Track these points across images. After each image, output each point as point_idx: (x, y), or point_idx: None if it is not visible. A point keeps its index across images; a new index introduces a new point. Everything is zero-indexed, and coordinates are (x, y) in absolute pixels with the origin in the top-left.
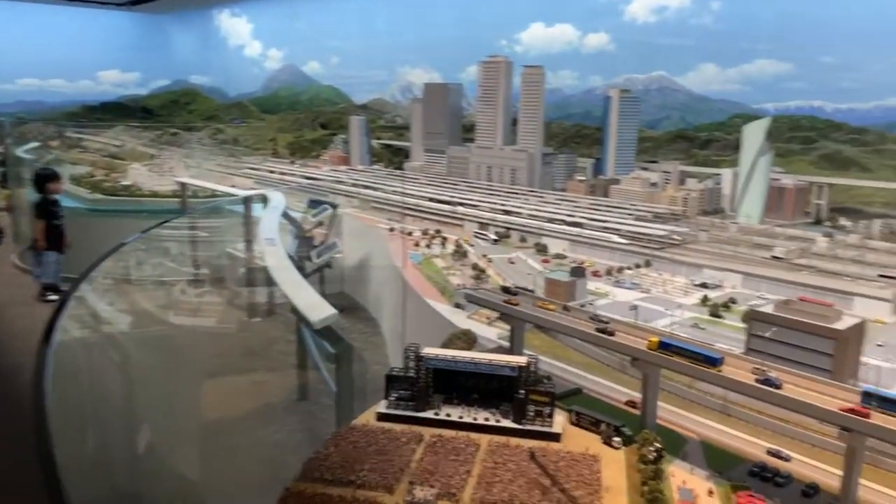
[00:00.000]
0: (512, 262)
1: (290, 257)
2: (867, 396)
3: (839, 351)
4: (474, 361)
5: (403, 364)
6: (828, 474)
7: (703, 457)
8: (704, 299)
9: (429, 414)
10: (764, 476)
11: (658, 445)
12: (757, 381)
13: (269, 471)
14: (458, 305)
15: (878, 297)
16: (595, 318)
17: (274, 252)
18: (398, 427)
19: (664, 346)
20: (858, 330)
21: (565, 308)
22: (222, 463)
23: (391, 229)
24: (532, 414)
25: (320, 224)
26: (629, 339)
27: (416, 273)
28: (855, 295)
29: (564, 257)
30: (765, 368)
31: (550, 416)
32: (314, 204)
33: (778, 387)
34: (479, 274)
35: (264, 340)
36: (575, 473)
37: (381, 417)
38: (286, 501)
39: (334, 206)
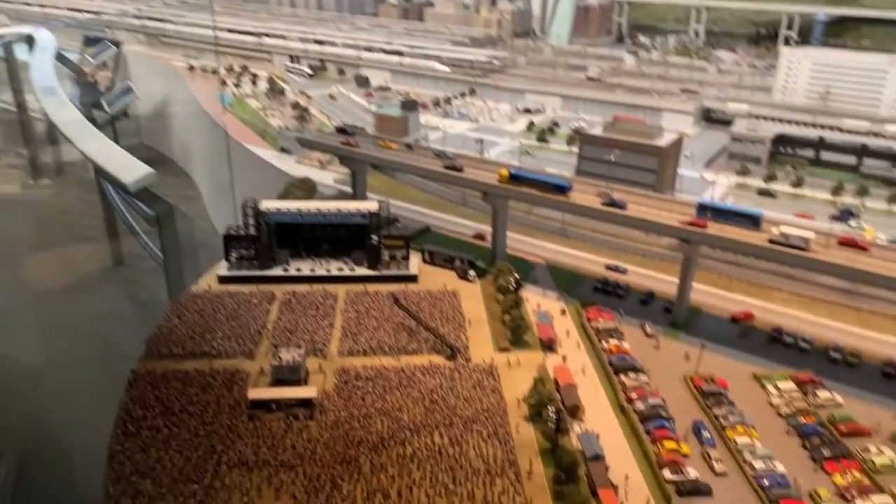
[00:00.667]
0: (333, 98)
1: (78, 108)
2: (702, 209)
3: (662, 166)
4: (321, 212)
5: (243, 221)
6: (660, 281)
7: (552, 280)
8: (530, 125)
9: (277, 271)
10: (606, 290)
11: (517, 276)
12: (603, 203)
13: (97, 346)
14: (284, 150)
15: (683, 110)
16: (441, 155)
17: (58, 104)
18: (245, 289)
19: (514, 178)
20: (677, 145)
21: (408, 146)
22: (43, 342)
23: (190, 67)
24: (387, 259)
25: (104, 66)
26: (477, 173)
27: (230, 117)
28: (663, 110)
29: (388, 89)
30: (608, 191)
31: (406, 258)
32: (91, 42)
33: (623, 207)
34: (302, 113)
35: (59, 206)
36: (438, 311)
37: (224, 280)
38: (137, 385)
39: (117, 44)
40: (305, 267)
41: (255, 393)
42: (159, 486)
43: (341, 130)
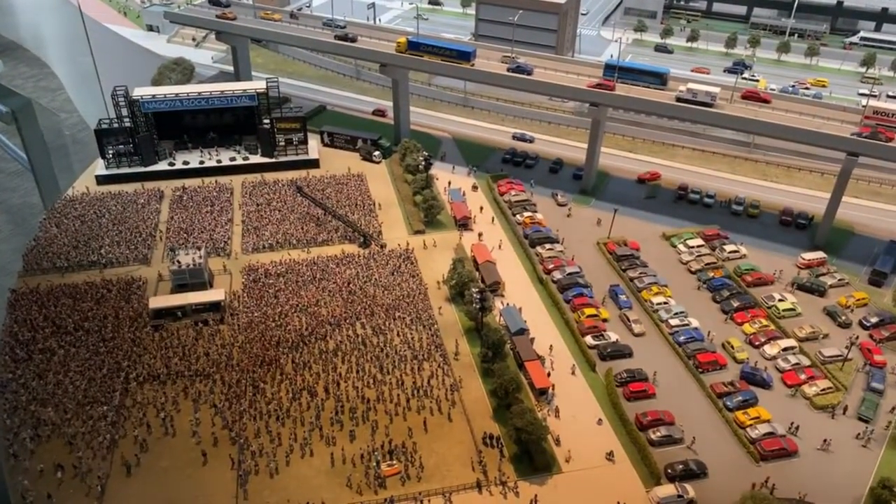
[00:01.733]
0: None
1: None
2: (609, 69)
3: (561, 26)
4: (203, 96)
5: (115, 113)
6: (567, 148)
7: (460, 154)
8: None
9: (162, 166)
10: (515, 161)
11: (426, 154)
12: (509, 69)
13: None
14: (151, 28)
15: None
16: (331, 25)
17: None
18: (129, 188)
19: (413, 47)
20: (576, 2)
21: (292, 16)
22: None
23: None
24: (283, 144)
25: None
26: (372, 43)
27: None
28: None
29: None
30: (513, 56)
31: (304, 142)
32: None
33: (530, 73)
34: None
35: None
36: (345, 197)
37: (103, 181)
38: (19, 305)
39: None
40: (193, 159)
41: (156, 301)
42: (63, 411)
43: (215, 2)
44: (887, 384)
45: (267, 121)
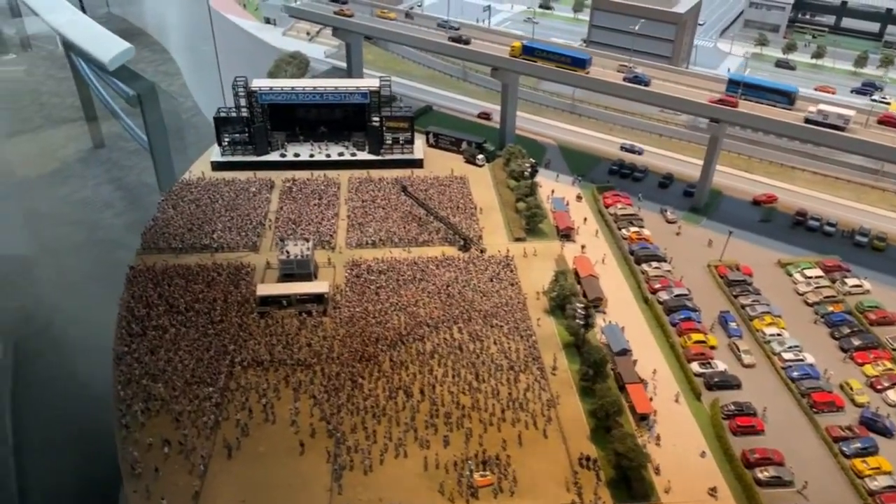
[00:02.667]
0: None
1: None
2: (732, 84)
3: (678, 36)
4: (318, 91)
5: (234, 102)
6: (678, 162)
7: (565, 162)
8: None
9: (273, 156)
10: (623, 173)
11: (532, 161)
12: (626, 79)
13: (82, 233)
14: (268, 21)
15: None
16: (445, 26)
17: None
18: (241, 176)
19: (528, 52)
20: (695, 11)
21: (407, 15)
22: (29, 231)
23: None
24: (390, 142)
25: None
26: (485, 46)
27: None
28: None
29: None
30: (630, 65)
31: (411, 142)
32: None
33: (647, 84)
34: None
35: (29, 85)
36: (447, 199)
37: (218, 167)
38: (136, 282)
39: None
40: (304, 151)
41: (263, 289)
42: (172, 388)
43: None
44: None
45: (376, 118)
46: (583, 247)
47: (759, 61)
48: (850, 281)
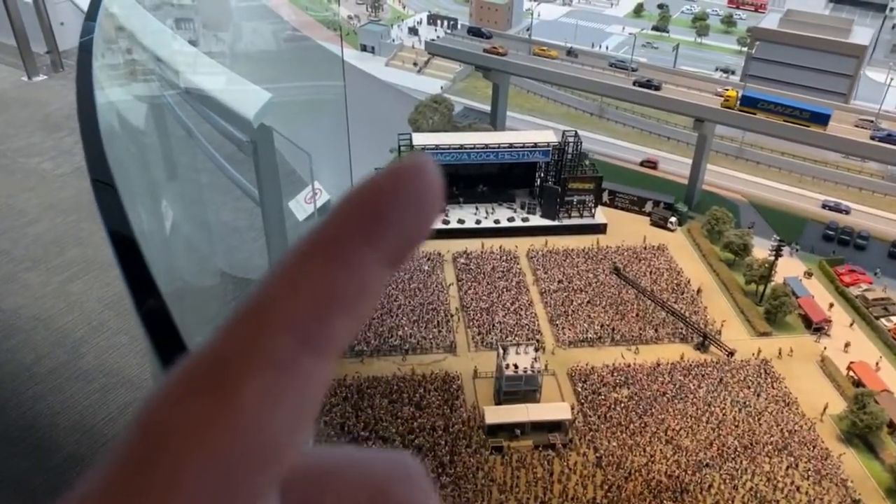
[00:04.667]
0: None
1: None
2: None
3: (856, 70)
4: (491, 149)
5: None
6: (889, 221)
7: (766, 223)
8: (639, 8)
9: (436, 223)
10: (842, 239)
11: (777, 238)
12: (873, 138)
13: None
14: (365, 48)
15: None
16: (622, 67)
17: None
18: None
19: (748, 103)
20: (873, 41)
21: (569, 53)
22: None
23: None
24: (568, 204)
25: None
26: (678, 90)
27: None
28: None
29: None
30: (872, 119)
31: (595, 204)
32: None
33: None
34: (375, 0)
35: (66, 110)
36: (651, 277)
37: None
38: (328, 403)
39: None
40: (467, 216)
41: (493, 414)
42: None
43: (476, 32)
44: None
45: (553, 180)
46: (847, 345)
47: None
48: None
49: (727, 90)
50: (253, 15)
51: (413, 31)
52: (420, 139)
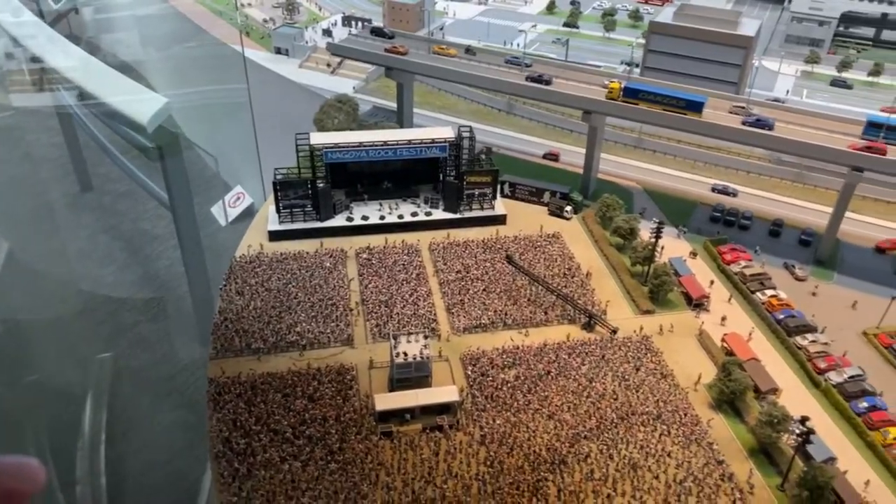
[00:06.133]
0: None
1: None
2: (873, 127)
3: (745, 60)
4: (390, 146)
5: (297, 161)
6: (776, 204)
7: (658, 210)
8: (551, 6)
9: (339, 220)
10: (727, 220)
11: (657, 220)
12: (745, 123)
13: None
14: (279, 51)
15: None
16: (517, 63)
17: (30, 24)
18: (307, 247)
19: (630, 94)
20: (758, 33)
21: (468, 51)
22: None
23: None
24: (467, 198)
25: None
26: (570, 85)
27: (199, 8)
28: None
29: None
30: (745, 106)
31: (493, 196)
32: None
33: (771, 128)
34: (289, 2)
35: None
36: (545, 262)
37: (277, 237)
38: (222, 401)
39: None
40: (371, 213)
41: (383, 401)
42: None
43: (378, 32)
44: None
45: (453, 174)
46: (723, 319)
47: (810, 80)
48: None
49: (611, 82)
50: (156, 20)
51: (327, 32)
52: (319, 139)
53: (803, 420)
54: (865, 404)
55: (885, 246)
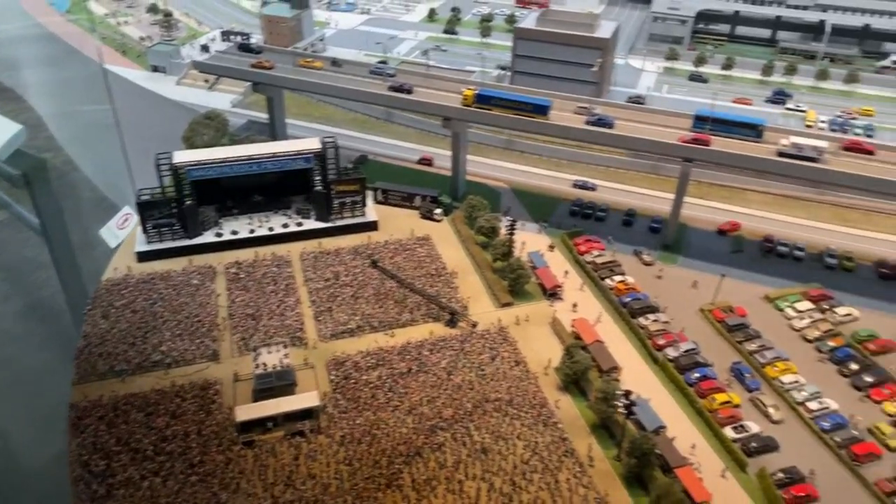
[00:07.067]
0: None
1: None
2: (700, 121)
3: (605, 60)
4: (254, 160)
5: (159, 181)
6: (632, 195)
7: (523, 207)
8: (432, 13)
9: (208, 237)
10: (585, 213)
11: (511, 219)
12: (588, 122)
13: None
14: (156, 69)
15: None
16: (380, 73)
17: None
18: (175, 265)
19: (482, 100)
20: (616, 34)
21: (334, 63)
22: None
23: None
24: (337, 206)
25: None
26: (430, 94)
27: (73, 28)
28: None
29: None
30: (588, 106)
31: (363, 203)
32: None
33: (611, 126)
34: (166, 19)
35: None
36: (414, 265)
37: (145, 257)
38: (83, 424)
39: None
40: (241, 227)
41: (244, 411)
42: None
43: (245, 48)
44: None
45: (321, 185)
46: (574, 305)
47: (671, 76)
48: (841, 310)
49: (466, 90)
50: (25, 41)
51: (205, 48)
52: (182, 156)
53: (627, 394)
54: (697, 375)
55: (726, 228)
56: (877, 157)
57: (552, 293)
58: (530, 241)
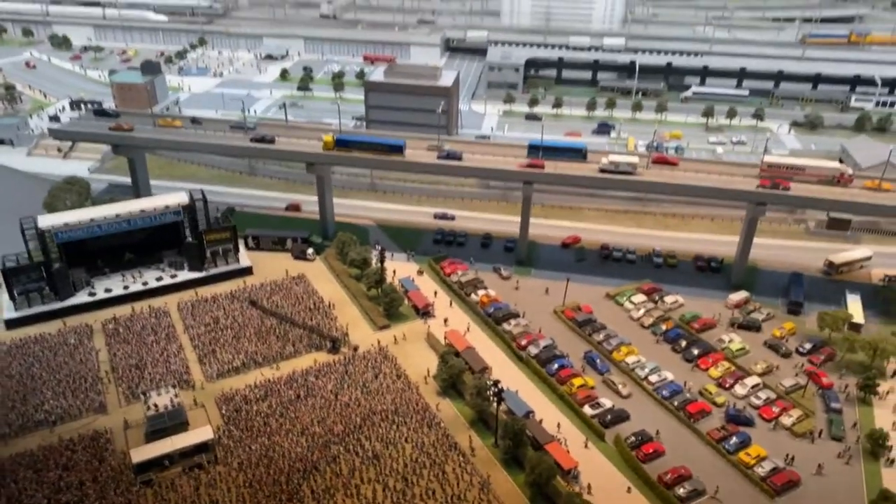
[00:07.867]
0: (31, 67)
1: None
2: (533, 149)
3: (450, 106)
4: (123, 217)
5: (25, 246)
6: (485, 221)
7: (391, 241)
8: (284, 73)
9: (82, 297)
10: (447, 241)
11: (380, 247)
12: (439, 157)
13: None
14: (2, 141)
15: (429, 43)
16: (241, 127)
17: None
18: (49, 328)
19: (342, 144)
20: (457, 83)
21: (194, 121)
22: None
23: None
24: (210, 256)
25: None
26: (292, 143)
27: None
28: (411, 44)
29: (100, 49)
30: (438, 143)
31: (235, 251)
32: None
33: (459, 158)
34: (9, 93)
35: None
36: (293, 301)
37: (14, 324)
38: None
39: None
40: (115, 285)
41: (139, 453)
42: None
43: (101, 113)
44: (842, 402)
45: (191, 236)
46: (445, 320)
47: (510, 117)
48: (669, 299)
49: (326, 136)
50: None
51: (55, 118)
52: (48, 220)
53: (496, 383)
54: (556, 366)
55: (569, 241)
56: (679, 168)
57: (425, 312)
58: (400, 268)
